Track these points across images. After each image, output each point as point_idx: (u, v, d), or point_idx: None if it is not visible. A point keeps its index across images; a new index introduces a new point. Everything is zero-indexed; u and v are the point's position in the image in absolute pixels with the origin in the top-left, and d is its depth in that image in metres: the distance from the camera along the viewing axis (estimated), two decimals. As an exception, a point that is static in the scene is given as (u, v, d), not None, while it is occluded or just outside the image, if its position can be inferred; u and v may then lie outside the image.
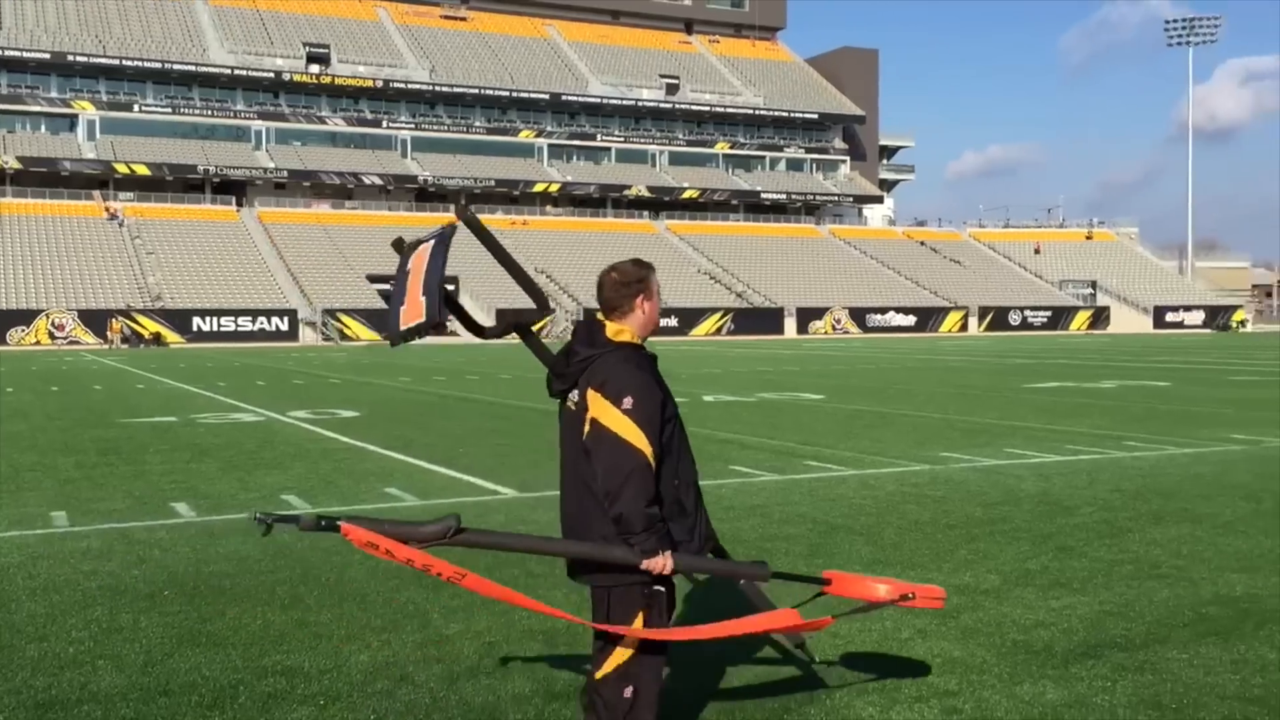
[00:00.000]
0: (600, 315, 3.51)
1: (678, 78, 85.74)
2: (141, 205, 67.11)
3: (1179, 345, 45.96)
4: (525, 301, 3.61)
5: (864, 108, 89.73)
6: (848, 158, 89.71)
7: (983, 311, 71.02)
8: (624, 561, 3.28)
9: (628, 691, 3.41)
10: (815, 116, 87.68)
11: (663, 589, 3.41)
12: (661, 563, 3.27)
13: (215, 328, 55.99)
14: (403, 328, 3.62)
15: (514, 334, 3.75)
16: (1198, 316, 75.39)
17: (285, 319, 57.84)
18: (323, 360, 37.16)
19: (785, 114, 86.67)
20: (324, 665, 4.72)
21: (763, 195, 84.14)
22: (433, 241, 3.66)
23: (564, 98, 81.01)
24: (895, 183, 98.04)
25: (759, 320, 66.45)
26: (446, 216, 74.13)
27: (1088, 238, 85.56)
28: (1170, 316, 74.95)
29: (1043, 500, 8.59)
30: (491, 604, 5.64)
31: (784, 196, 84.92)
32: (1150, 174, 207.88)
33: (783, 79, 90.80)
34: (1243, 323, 75.85)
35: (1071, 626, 5.17)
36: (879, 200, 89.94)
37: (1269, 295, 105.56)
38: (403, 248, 3.80)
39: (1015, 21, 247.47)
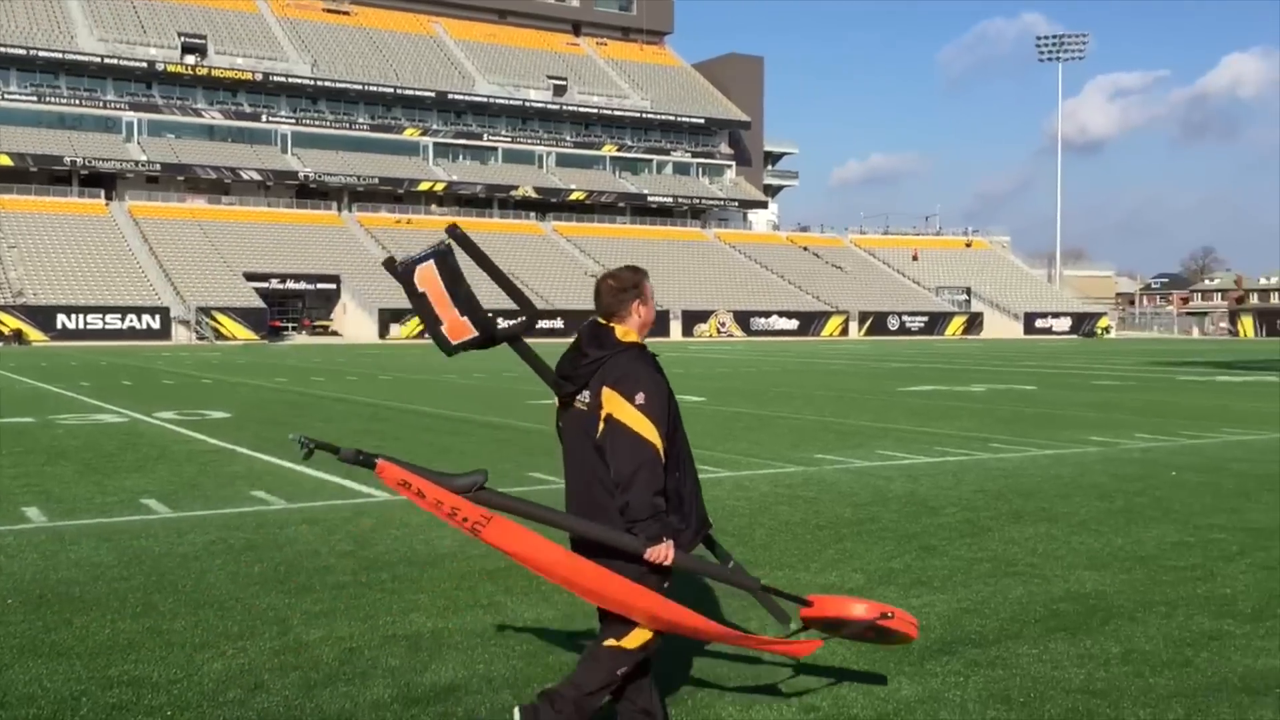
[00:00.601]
0: (601, 319, 3.70)
1: (565, 79, 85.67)
2: (3, 197, 64.24)
3: (1047, 350, 47.65)
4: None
5: (749, 114, 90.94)
6: (733, 163, 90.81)
7: (863, 316, 72.61)
8: (630, 549, 3.46)
9: (620, 670, 3.61)
10: (702, 121, 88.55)
11: (664, 582, 3.60)
12: (663, 552, 3.46)
13: (82, 325, 53.92)
14: (455, 343, 3.83)
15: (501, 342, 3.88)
16: (1065, 323, 78.31)
17: (157, 317, 56.01)
18: (195, 360, 36.06)
19: (672, 118, 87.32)
20: (174, 675, 4.56)
21: (649, 198, 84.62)
22: (432, 260, 3.76)
23: (450, 96, 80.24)
24: (780, 188, 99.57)
25: (644, 323, 66.66)
26: (328, 214, 72.79)
27: (967, 245, 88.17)
28: (1040, 323, 77.71)
29: (910, 501, 8.79)
30: (353, 610, 5.53)
31: (670, 200, 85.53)
32: (1023, 185, 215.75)
33: (670, 83, 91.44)
34: (1107, 329, 79.04)
35: (929, 624, 5.29)
36: (763, 205, 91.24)
37: (1131, 303, 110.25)
38: (395, 267, 3.92)
39: (897, 33, 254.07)
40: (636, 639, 3.61)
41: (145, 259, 61.75)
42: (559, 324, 64.40)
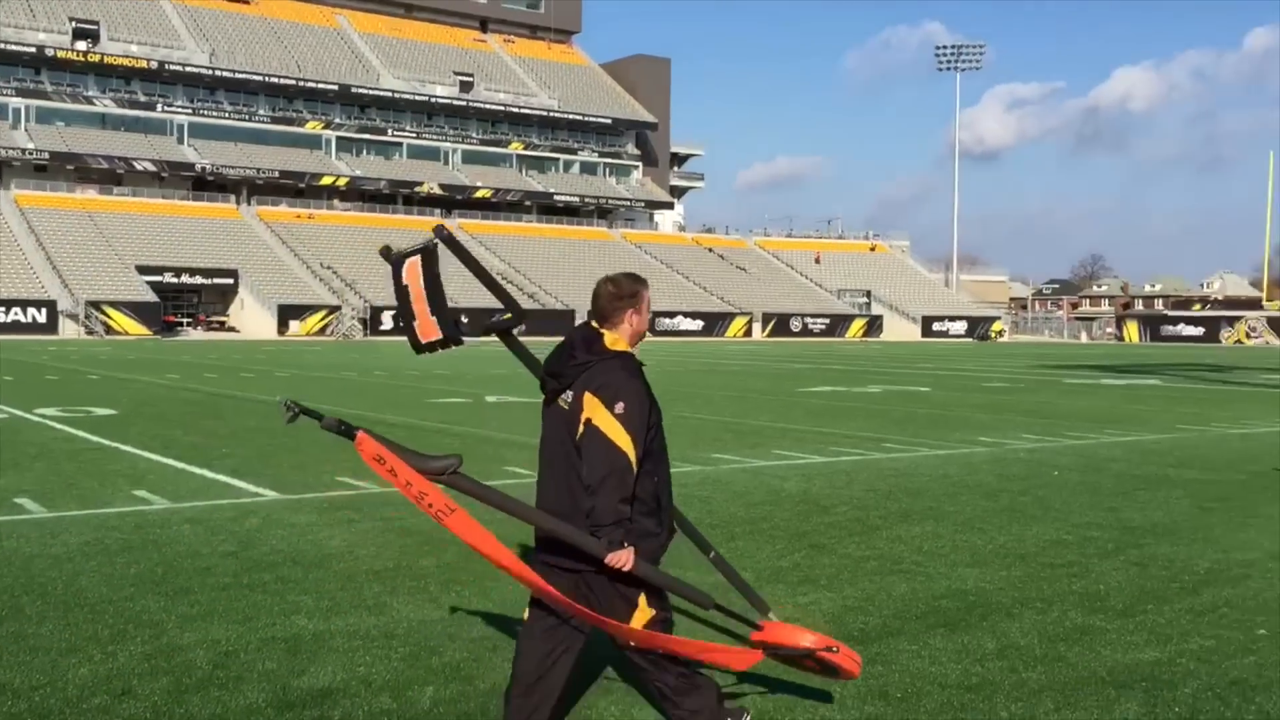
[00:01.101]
0: (593, 323, 3.79)
1: (472, 75, 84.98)
2: (-122, 183, 61.41)
3: (943, 353, 48.73)
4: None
5: (656, 115, 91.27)
6: (640, 163, 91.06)
7: (766, 318, 73.39)
8: (593, 552, 3.54)
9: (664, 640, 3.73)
10: (609, 121, 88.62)
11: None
12: (623, 558, 3.52)
13: (-38, 318, 51.79)
14: (424, 342, 3.91)
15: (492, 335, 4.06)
16: (961, 326, 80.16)
17: (43, 310, 54.10)
18: (83, 355, 34.90)
19: (580, 117, 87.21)
20: (36, 680, 4.38)
21: (556, 197, 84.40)
22: (419, 256, 3.87)
23: (354, 90, 79.02)
24: (686, 189, 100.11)
25: (550, 322, 66.22)
26: (225, 208, 71.05)
27: (871, 249, 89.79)
28: (937, 326, 79.42)
29: (803, 500, 8.90)
30: (232, 612, 5.39)
31: (577, 199, 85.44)
32: (923, 191, 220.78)
33: (577, 82, 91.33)
34: (1000, 332, 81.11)
35: (814, 621, 5.34)
36: (670, 206, 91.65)
37: (1024, 308, 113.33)
38: (390, 256, 4.02)
39: (804, 39, 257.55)
40: (642, 617, 3.69)
41: (32, 250, 59.58)
42: (464, 321, 63.92)
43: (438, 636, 5.04)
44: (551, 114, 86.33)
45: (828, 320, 76.16)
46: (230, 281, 62.49)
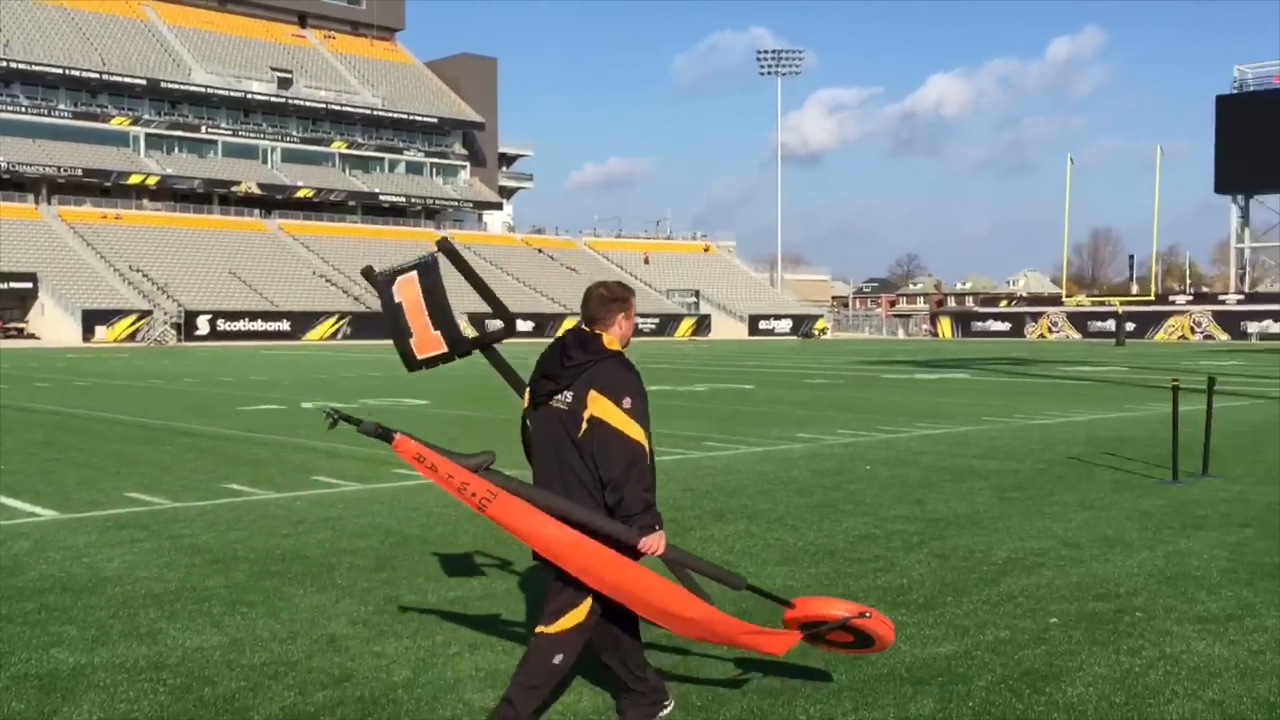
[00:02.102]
0: (584, 325, 3.92)
1: (291, 72, 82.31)
2: None
3: (768, 351, 49.77)
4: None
5: (483, 114, 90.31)
6: (468, 163, 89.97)
7: (597, 318, 73.44)
8: (625, 539, 3.74)
9: (557, 658, 3.83)
10: (435, 120, 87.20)
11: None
12: (655, 542, 3.77)
13: None
14: (420, 357, 4.09)
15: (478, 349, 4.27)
16: (786, 324, 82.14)
17: None
18: None
19: (405, 116, 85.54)
20: None
21: (381, 197, 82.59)
22: (415, 272, 3.96)
23: (164, 85, 75.42)
24: (515, 190, 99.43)
25: (376, 324, 64.88)
26: (24, 207, 66.75)
27: (705, 250, 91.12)
28: (763, 324, 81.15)
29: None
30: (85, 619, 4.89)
31: (403, 199, 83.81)
32: (749, 192, 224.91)
33: (402, 81, 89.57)
34: (823, 330, 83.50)
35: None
36: (498, 207, 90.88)
37: (846, 306, 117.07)
38: (374, 277, 4.09)
39: (634, 41, 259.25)
40: (570, 621, 3.82)
41: None
42: (285, 326, 61.87)
43: (214, 665, 4.68)
44: (375, 113, 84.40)
45: (657, 320, 76.86)
46: (29, 285, 58.76)
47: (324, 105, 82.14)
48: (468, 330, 4.44)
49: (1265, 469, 10.54)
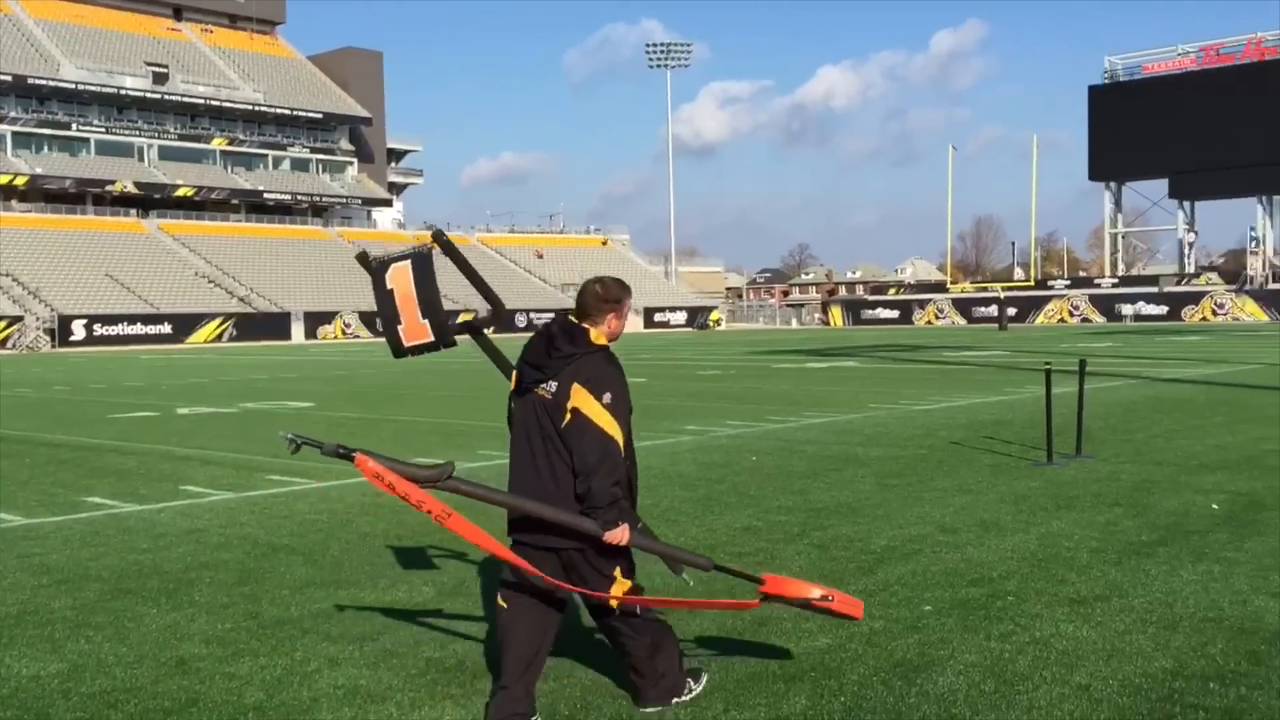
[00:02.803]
0: (573, 318, 4.02)
1: (167, 67, 79.69)
2: None
3: (663, 343, 49.89)
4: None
5: (370, 109, 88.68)
6: (355, 159, 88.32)
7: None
8: (589, 532, 3.85)
9: (637, 608, 4.11)
10: (320, 116, 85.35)
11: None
12: (620, 535, 3.88)
13: None
14: (407, 345, 4.19)
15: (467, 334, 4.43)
16: (681, 316, 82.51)
17: None
18: None
19: (288, 112, 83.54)
20: None
21: (266, 195, 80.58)
22: (409, 261, 4.10)
23: (31, 81, 72.34)
24: (405, 186, 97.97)
25: (264, 325, 63.44)
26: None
27: (602, 244, 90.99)
28: (659, 317, 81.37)
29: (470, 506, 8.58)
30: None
31: (289, 197, 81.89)
32: (643, 186, 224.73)
33: (284, 75, 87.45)
34: (718, 321, 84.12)
35: (490, 639, 5.04)
36: (388, 204, 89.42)
37: (740, 296, 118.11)
38: (369, 262, 4.22)
39: (524, 34, 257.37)
40: (618, 588, 4.00)
41: None
42: (167, 329, 59.93)
43: (49, 695, 4.38)
44: (257, 108, 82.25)
45: (551, 315, 76.47)
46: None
47: (203, 100, 79.74)
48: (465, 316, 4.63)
49: (1135, 448, 10.82)
